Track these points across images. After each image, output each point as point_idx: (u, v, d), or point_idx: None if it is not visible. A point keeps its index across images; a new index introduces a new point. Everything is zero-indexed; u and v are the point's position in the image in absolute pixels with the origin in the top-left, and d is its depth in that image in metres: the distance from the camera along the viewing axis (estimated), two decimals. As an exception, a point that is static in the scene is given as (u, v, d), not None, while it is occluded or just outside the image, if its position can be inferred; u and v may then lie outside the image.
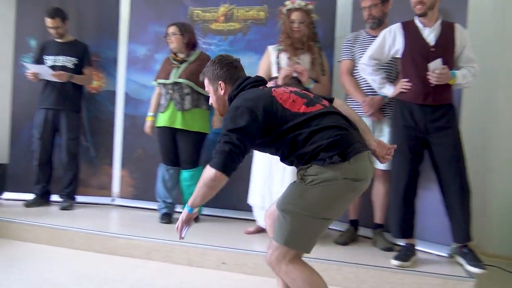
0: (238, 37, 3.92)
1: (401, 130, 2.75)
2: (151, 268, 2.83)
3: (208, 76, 2.00)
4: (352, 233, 3.17)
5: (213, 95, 2.01)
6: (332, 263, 2.67)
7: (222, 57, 2.02)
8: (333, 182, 1.67)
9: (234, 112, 1.74)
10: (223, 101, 1.98)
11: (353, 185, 1.71)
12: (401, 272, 2.57)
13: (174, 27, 3.50)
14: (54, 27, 3.79)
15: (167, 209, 3.58)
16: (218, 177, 1.68)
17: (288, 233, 1.70)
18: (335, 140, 1.69)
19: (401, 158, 2.70)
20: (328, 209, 1.72)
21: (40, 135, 3.85)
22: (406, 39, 2.75)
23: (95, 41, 4.19)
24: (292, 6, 3.17)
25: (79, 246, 3.13)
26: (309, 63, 3.15)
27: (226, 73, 1.96)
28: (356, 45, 3.11)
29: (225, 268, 2.82)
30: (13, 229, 3.30)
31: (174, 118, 3.45)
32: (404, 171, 2.72)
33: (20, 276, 2.56)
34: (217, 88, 1.98)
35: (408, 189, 2.72)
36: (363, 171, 1.74)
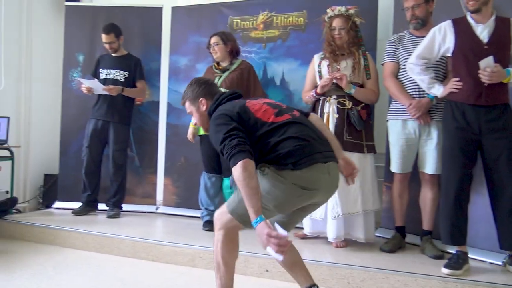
0: (277, 44, 3.92)
1: (453, 132, 2.61)
2: (194, 275, 2.85)
3: (188, 98, 2.17)
4: (399, 240, 3.06)
5: (196, 114, 2.16)
6: (378, 271, 2.58)
7: (198, 78, 2.25)
8: (282, 181, 1.83)
9: (215, 122, 1.92)
10: (206, 117, 2.11)
11: (300, 191, 1.84)
12: (452, 281, 2.44)
13: (216, 37, 3.54)
14: (108, 42, 3.98)
15: (210, 217, 3.59)
16: (246, 163, 1.74)
17: (235, 205, 1.91)
18: (293, 149, 1.83)
19: (452, 161, 2.58)
20: (271, 201, 1.85)
21: (88, 144, 4.01)
22: (457, 37, 2.61)
23: (139, 53, 4.32)
24: (333, 13, 3.15)
25: (125, 253, 3.19)
26: (351, 67, 3.11)
27: (205, 90, 2.14)
28: (399, 47, 3.03)
29: (268, 275, 2.79)
30: (63, 237, 3.42)
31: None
32: (455, 175, 2.58)
33: (69, 283, 2.64)
34: (199, 106, 2.13)
35: (459, 194, 2.58)
36: (314, 181, 1.85)
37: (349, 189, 2.95)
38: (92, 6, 4.76)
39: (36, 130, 4.72)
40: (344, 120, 3.03)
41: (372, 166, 3.11)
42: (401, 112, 2.98)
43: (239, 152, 1.76)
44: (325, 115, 3.08)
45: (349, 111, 3.04)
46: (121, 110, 4.02)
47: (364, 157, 3.06)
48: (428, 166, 2.92)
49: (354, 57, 3.11)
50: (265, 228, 1.65)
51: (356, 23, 3.16)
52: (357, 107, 3.06)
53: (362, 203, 3.02)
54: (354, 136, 3.02)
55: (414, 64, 2.77)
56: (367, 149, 3.06)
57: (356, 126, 3.03)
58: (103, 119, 3.99)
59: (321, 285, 2.64)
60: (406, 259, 2.84)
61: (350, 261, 2.74)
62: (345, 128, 3.02)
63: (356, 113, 3.03)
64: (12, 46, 4.45)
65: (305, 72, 3.48)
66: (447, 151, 2.65)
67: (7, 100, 4.44)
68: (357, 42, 3.17)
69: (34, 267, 2.91)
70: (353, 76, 3.10)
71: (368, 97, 3.13)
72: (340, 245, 3.08)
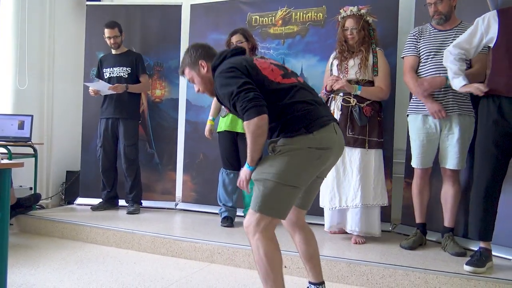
0: (296, 40, 3.91)
1: (488, 126, 2.52)
2: (213, 270, 2.86)
3: (187, 64, 2.07)
4: (419, 237, 3.02)
5: (198, 78, 2.06)
6: (398, 267, 2.55)
7: (193, 44, 2.15)
8: (298, 151, 1.82)
9: (224, 75, 1.87)
10: (209, 79, 2.04)
11: (317, 153, 1.84)
12: (475, 279, 2.40)
13: (238, 35, 3.50)
14: (112, 36, 4.05)
15: (228, 213, 3.61)
16: (262, 120, 1.77)
17: (260, 200, 1.83)
18: (302, 114, 1.84)
19: (485, 155, 2.51)
20: (295, 176, 1.83)
21: (102, 144, 4.10)
22: (501, 27, 2.50)
23: (159, 51, 4.37)
24: (345, 13, 3.20)
25: (146, 249, 3.23)
26: (358, 65, 3.13)
27: (203, 52, 2.06)
28: (421, 40, 2.98)
29: (286, 271, 2.78)
30: (85, 232, 3.48)
31: (236, 123, 3.48)
32: (488, 169, 2.50)
33: (91, 277, 2.68)
34: (199, 70, 2.05)
35: (490, 189, 2.50)
36: (326, 140, 1.87)
37: (350, 183, 3.06)
38: (112, 5, 4.82)
39: (59, 128, 4.81)
40: (347, 116, 3.08)
41: (376, 162, 3.09)
42: (421, 106, 2.93)
43: (256, 106, 1.76)
44: (331, 112, 3.13)
45: (352, 108, 3.08)
46: (129, 106, 4.08)
47: (367, 153, 3.07)
48: (449, 162, 2.87)
49: (362, 55, 3.14)
50: (249, 175, 1.89)
51: (369, 22, 3.18)
52: (361, 104, 3.08)
53: (362, 198, 3.02)
54: (357, 132, 3.06)
55: (450, 52, 2.66)
56: (369, 145, 3.06)
57: (358, 122, 3.06)
58: (112, 116, 4.06)
59: (340, 282, 2.64)
60: (426, 256, 2.80)
61: (369, 258, 2.72)
62: (347, 124, 3.08)
63: (358, 110, 3.06)
64: (35, 46, 4.54)
65: (324, 67, 3.48)
66: (480, 145, 2.57)
67: (30, 99, 4.53)
68: (368, 40, 3.18)
69: (57, 261, 2.97)
70: (359, 74, 3.12)
71: (376, 94, 3.14)
72: (359, 241, 3.07)
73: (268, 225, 1.84)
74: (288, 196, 1.85)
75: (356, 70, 3.13)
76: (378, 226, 3.13)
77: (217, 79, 1.91)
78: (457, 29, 2.88)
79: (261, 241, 1.82)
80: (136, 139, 4.15)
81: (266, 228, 1.84)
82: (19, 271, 2.74)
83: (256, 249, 1.83)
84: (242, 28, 3.61)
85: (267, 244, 1.83)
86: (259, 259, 1.83)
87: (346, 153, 3.09)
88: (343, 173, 3.11)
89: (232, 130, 3.51)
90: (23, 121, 4.12)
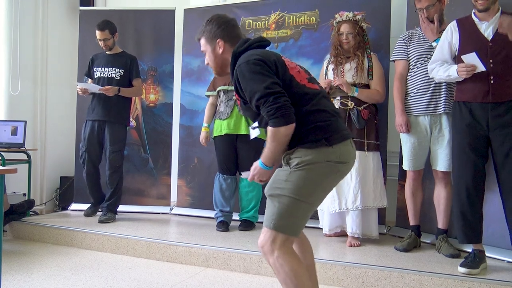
0: (290, 44, 3.93)
1: (461, 129, 2.59)
2: (209, 275, 2.86)
3: (205, 36, 1.97)
4: (414, 239, 3.03)
5: (211, 54, 1.97)
6: (393, 270, 2.56)
7: (219, 16, 2.00)
8: (316, 165, 1.73)
9: (250, 68, 1.75)
10: (222, 60, 1.95)
11: (336, 167, 1.77)
12: (469, 280, 2.41)
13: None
14: (103, 38, 3.88)
15: (224, 218, 3.61)
16: (290, 129, 1.70)
17: (275, 217, 1.73)
18: (325, 124, 1.76)
19: (462, 158, 2.56)
20: (312, 192, 1.75)
21: (86, 148, 3.91)
22: (461, 36, 2.61)
23: (152, 56, 4.36)
24: (341, 18, 3.23)
25: (141, 254, 3.22)
26: (354, 69, 3.17)
27: (224, 31, 1.94)
28: (411, 44, 3.01)
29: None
30: (80, 238, 3.46)
31: (239, 125, 3.49)
32: (466, 172, 2.56)
33: (86, 283, 2.67)
34: (215, 47, 1.94)
35: (471, 191, 2.55)
36: (345, 154, 1.79)
37: (349, 186, 3.08)
38: (105, 10, 4.83)
39: (52, 133, 4.80)
40: (345, 120, 3.10)
41: (375, 164, 3.13)
42: (411, 109, 2.97)
43: (285, 115, 1.68)
44: None
45: (350, 111, 3.10)
46: (117, 109, 3.88)
47: (365, 156, 3.09)
48: (440, 164, 2.90)
49: (358, 59, 3.17)
50: (262, 174, 1.82)
51: (363, 27, 3.23)
52: (359, 107, 3.11)
53: (362, 200, 3.04)
54: (355, 135, 3.08)
55: (430, 69, 2.74)
56: (368, 148, 3.09)
57: (356, 125, 3.08)
58: (99, 119, 3.86)
59: (335, 285, 2.65)
60: (421, 258, 2.81)
61: (364, 261, 2.73)
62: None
63: (356, 113, 3.09)
64: (28, 50, 4.53)
65: (318, 71, 3.50)
66: (456, 148, 2.63)
67: (23, 104, 4.52)
68: (363, 45, 3.23)
69: (51, 267, 2.95)
70: (356, 77, 3.16)
71: (372, 97, 3.18)
72: (354, 244, 3.08)
73: (285, 241, 1.74)
74: (304, 213, 1.77)
75: (353, 74, 3.17)
76: (376, 228, 3.15)
77: (242, 69, 1.78)
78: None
79: (282, 258, 1.70)
80: (122, 145, 3.96)
81: (283, 245, 1.73)
82: (13, 278, 2.72)
83: (280, 267, 1.70)
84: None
85: (290, 260, 1.71)
86: (286, 277, 1.70)
87: None
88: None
89: (235, 132, 3.50)
90: (16, 127, 4.10)
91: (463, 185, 2.57)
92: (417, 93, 2.95)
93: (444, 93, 2.86)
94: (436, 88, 2.88)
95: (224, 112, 3.55)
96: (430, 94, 2.89)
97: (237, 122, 3.50)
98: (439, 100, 2.87)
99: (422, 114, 2.92)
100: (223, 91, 3.58)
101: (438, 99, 2.87)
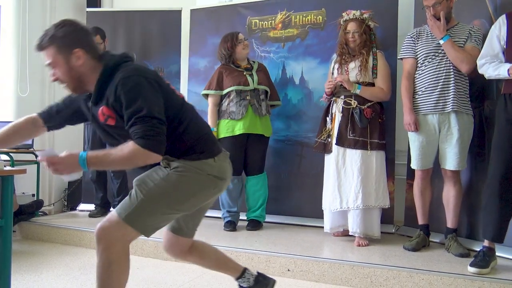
0: (296, 43, 3.91)
1: (503, 125, 2.50)
2: (217, 275, 2.84)
3: (56, 42, 1.64)
4: (422, 238, 3.01)
5: (64, 67, 1.66)
6: (402, 269, 2.55)
7: (73, 21, 1.72)
8: (197, 176, 1.69)
9: (136, 80, 1.58)
10: (78, 74, 1.67)
11: (216, 182, 1.75)
12: (479, 280, 2.39)
13: (242, 34, 3.60)
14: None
15: (231, 218, 3.60)
16: (152, 158, 1.55)
17: (133, 210, 1.61)
18: (205, 137, 1.76)
19: (499, 155, 2.49)
20: (184, 199, 1.69)
21: (91, 149, 3.91)
22: (509, 29, 2.51)
23: (159, 56, 4.37)
24: (348, 17, 3.23)
25: (149, 254, 3.23)
26: (358, 68, 3.16)
27: (85, 38, 1.68)
28: (419, 42, 2.99)
29: (290, 275, 2.78)
30: (88, 238, 3.48)
31: (255, 124, 3.48)
32: (501, 168, 2.47)
33: (94, 283, 2.67)
34: (71, 58, 1.65)
35: (504, 189, 2.46)
36: (224, 170, 1.79)
37: (351, 185, 3.07)
38: (112, 11, 4.85)
39: (60, 134, 4.79)
40: (348, 118, 3.11)
41: (378, 163, 3.10)
42: (420, 107, 2.95)
43: (160, 142, 1.55)
44: (333, 115, 3.23)
45: (353, 110, 3.10)
46: None
47: (368, 154, 3.08)
48: (449, 163, 2.87)
49: (362, 58, 3.17)
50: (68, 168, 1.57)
51: (370, 26, 3.22)
52: (362, 106, 3.10)
53: (363, 199, 3.02)
54: (358, 134, 3.08)
55: (479, 65, 2.64)
56: (371, 147, 3.07)
57: (358, 124, 3.08)
58: None
59: (343, 284, 2.63)
60: (430, 257, 2.79)
61: (372, 260, 2.71)
62: (348, 126, 3.10)
63: (359, 112, 3.09)
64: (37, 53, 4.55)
65: (324, 70, 3.53)
66: (495, 144, 2.55)
67: (32, 106, 4.52)
68: (369, 44, 3.22)
69: (60, 268, 2.97)
70: (360, 76, 3.15)
71: (376, 95, 3.16)
72: (362, 243, 3.06)
73: (131, 238, 1.63)
74: (167, 216, 1.72)
75: (356, 72, 3.16)
76: (378, 227, 3.13)
77: (134, 80, 1.57)
78: (453, 29, 2.89)
79: (118, 255, 1.61)
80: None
81: (127, 241, 1.63)
82: (22, 278, 2.74)
83: (106, 262, 1.60)
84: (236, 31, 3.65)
85: (123, 262, 1.63)
86: (106, 276, 1.61)
87: (347, 154, 3.11)
88: (344, 175, 3.12)
89: (252, 132, 3.48)
90: (25, 128, 4.12)
91: (496, 182, 2.48)
92: (425, 91, 2.92)
93: (452, 91, 2.83)
94: (444, 86, 2.85)
95: (237, 112, 3.47)
96: (439, 92, 2.86)
97: (252, 122, 3.48)
98: (448, 98, 2.84)
99: (430, 112, 2.89)
100: (235, 91, 3.51)
101: (447, 97, 2.84)
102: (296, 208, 3.76)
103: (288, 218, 3.78)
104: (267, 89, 3.56)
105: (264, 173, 3.58)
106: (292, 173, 3.85)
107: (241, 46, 3.54)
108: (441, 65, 2.87)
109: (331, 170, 3.18)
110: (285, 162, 3.88)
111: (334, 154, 3.15)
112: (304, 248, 2.99)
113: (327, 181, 3.27)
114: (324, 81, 3.58)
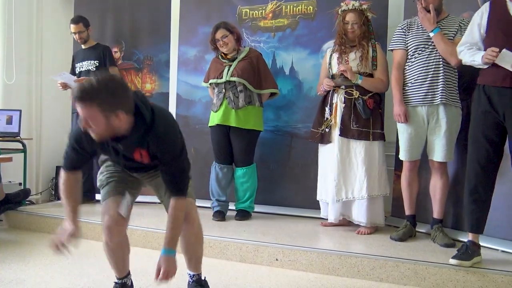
0: (286, 33, 3.90)
1: (478, 117, 2.51)
2: (205, 264, 2.85)
3: (101, 103, 1.63)
4: (409, 229, 3.04)
5: (103, 125, 1.68)
6: (388, 259, 2.58)
7: (118, 80, 1.77)
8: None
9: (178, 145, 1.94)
10: (115, 128, 1.72)
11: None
12: (463, 270, 2.43)
13: (222, 30, 3.48)
14: (77, 31, 4.08)
15: (220, 207, 3.61)
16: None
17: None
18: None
19: (475, 147, 2.50)
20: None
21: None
22: (490, 16, 2.48)
23: (148, 45, 4.33)
24: (347, 7, 3.21)
25: (137, 243, 3.21)
26: (359, 58, 3.17)
27: (124, 100, 1.70)
28: (409, 33, 2.99)
29: (278, 264, 2.80)
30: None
31: (228, 116, 3.47)
32: (477, 160, 2.48)
33: (82, 272, 2.68)
34: (112, 119, 1.67)
35: (481, 181, 2.48)
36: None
37: (356, 175, 3.11)
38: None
39: (48, 123, 4.77)
40: (351, 109, 3.13)
41: (380, 153, 3.16)
42: (409, 99, 2.96)
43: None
44: (334, 106, 3.21)
45: (355, 101, 3.10)
46: None
47: (371, 145, 3.12)
48: (436, 154, 2.90)
49: (363, 49, 3.16)
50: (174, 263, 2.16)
51: (368, 17, 3.22)
52: (364, 96, 3.12)
53: (368, 189, 3.07)
54: (361, 125, 3.10)
55: (459, 51, 2.62)
56: (373, 137, 3.11)
57: (362, 115, 3.10)
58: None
59: (331, 274, 2.66)
60: (416, 247, 2.83)
61: (359, 250, 2.74)
62: (352, 117, 3.12)
63: (361, 102, 3.10)
64: (23, 39, 4.48)
65: (314, 61, 3.51)
66: (471, 135, 2.56)
67: (18, 93, 4.48)
68: (368, 35, 3.22)
69: (47, 257, 2.95)
70: (361, 67, 3.17)
71: (376, 86, 3.18)
72: (365, 232, 3.13)
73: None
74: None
75: (357, 63, 3.17)
76: (382, 216, 3.19)
77: (171, 138, 1.88)
78: (444, 22, 2.90)
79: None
80: None
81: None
82: (9, 267, 2.72)
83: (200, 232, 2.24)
84: (223, 22, 3.57)
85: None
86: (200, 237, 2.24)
87: (351, 145, 3.14)
88: (348, 166, 3.14)
89: (224, 123, 3.49)
90: (11, 116, 4.08)
91: (473, 172, 2.50)
92: (414, 83, 2.94)
93: (441, 83, 2.85)
94: (433, 79, 2.86)
95: (215, 105, 3.56)
96: (428, 84, 2.88)
97: (226, 113, 3.48)
98: (437, 91, 2.86)
99: (419, 104, 2.91)
100: (214, 84, 3.56)
101: (436, 90, 2.86)
102: (285, 198, 3.78)
103: (277, 208, 3.80)
104: (242, 81, 3.46)
105: (252, 166, 3.57)
106: (282, 163, 3.85)
107: (219, 44, 3.51)
108: (431, 58, 2.88)
109: (333, 161, 3.18)
110: (274, 152, 3.88)
111: (336, 144, 3.16)
112: (292, 238, 3.00)
113: (323, 172, 3.28)
114: (314, 71, 3.59)
